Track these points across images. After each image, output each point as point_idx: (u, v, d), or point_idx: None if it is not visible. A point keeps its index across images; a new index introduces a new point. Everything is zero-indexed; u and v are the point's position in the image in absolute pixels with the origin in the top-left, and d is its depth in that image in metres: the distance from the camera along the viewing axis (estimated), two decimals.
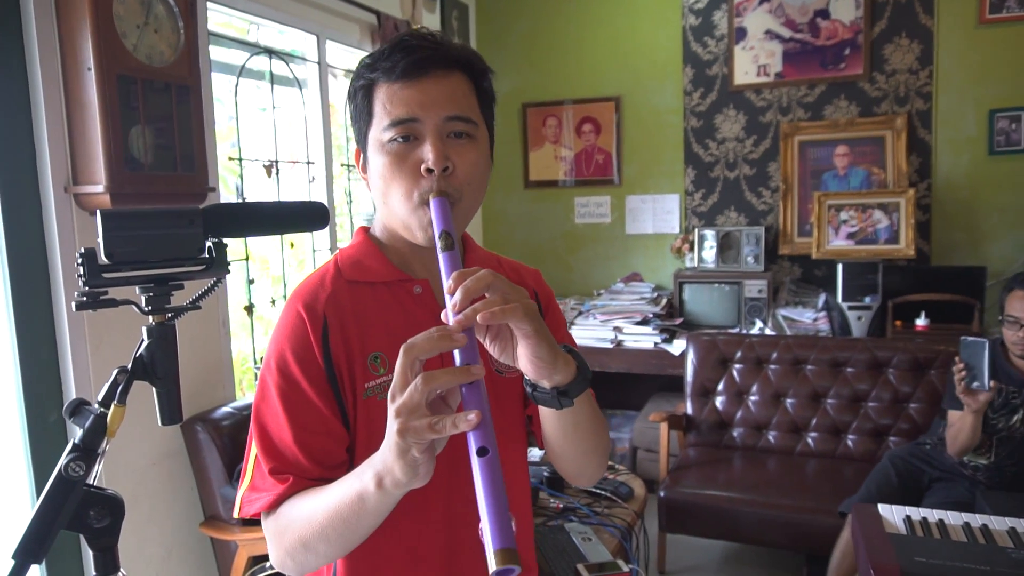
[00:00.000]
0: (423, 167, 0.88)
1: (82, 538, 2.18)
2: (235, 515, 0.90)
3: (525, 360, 0.76)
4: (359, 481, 0.77)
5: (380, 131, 0.91)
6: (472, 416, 0.66)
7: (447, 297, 0.74)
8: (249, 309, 2.93)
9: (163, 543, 2.41)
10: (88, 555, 2.16)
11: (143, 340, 0.76)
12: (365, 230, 1.04)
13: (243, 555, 2.34)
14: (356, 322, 0.94)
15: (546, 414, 0.90)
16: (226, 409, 2.53)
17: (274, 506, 0.88)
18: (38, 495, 2.06)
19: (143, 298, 0.76)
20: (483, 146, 0.95)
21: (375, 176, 0.93)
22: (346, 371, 0.92)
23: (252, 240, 2.88)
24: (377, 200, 0.96)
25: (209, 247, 0.79)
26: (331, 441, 0.91)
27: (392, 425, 0.69)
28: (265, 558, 2.29)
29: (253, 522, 2.35)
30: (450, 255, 0.81)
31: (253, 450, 0.92)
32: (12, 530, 2.09)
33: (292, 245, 3.26)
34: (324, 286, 0.95)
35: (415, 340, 0.70)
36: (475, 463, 0.66)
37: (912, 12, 3.74)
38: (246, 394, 2.89)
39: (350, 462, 0.93)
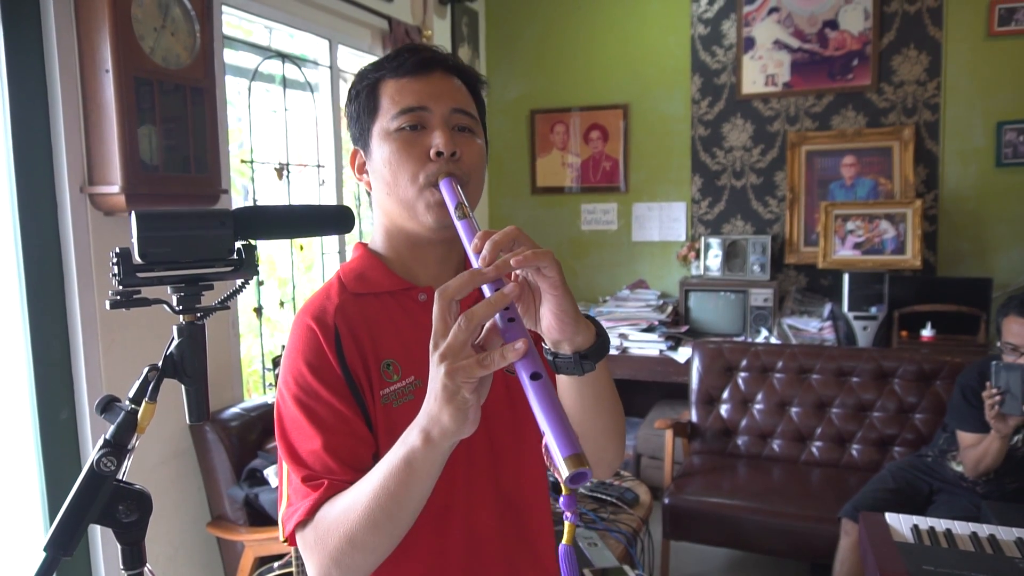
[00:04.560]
0: (432, 151, 0.92)
1: (98, 534, 2.18)
2: (280, 538, 0.90)
3: (550, 316, 0.75)
4: (404, 446, 0.76)
5: (388, 121, 0.94)
6: (520, 344, 0.67)
7: (472, 257, 0.75)
8: (258, 311, 2.95)
9: (170, 542, 2.42)
10: (96, 551, 2.18)
11: (173, 339, 0.77)
12: (364, 245, 1.04)
13: (249, 556, 2.35)
14: (366, 331, 0.94)
15: (567, 390, 0.89)
16: (234, 410, 2.54)
17: (311, 512, 0.87)
18: (48, 491, 2.08)
19: (174, 298, 0.77)
20: (482, 143, 0.99)
21: (380, 165, 0.95)
22: (363, 377, 0.93)
23: (262, 242, 2.90)
24: (380, 193, 0.97)
25: (239, 248, 0.80)
26: (358, 443, 0.91)
27: (439, 370, 0.69)
28: (272, 559, 2.30)
29: (260, 523, 2.37)
30: (467, 222, 0.83)
31: (285, 471, 0.91)
32: (23, 525, 2.10)
33: (301, 248, 3.28)
34: (331, 298, 0.96)
35: (447, 284, 0.71)
36: (528, 387, 0.67)
37: (921, 24, 3.76)
38: (253, 395, 2.91)
39: None
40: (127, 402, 0.76)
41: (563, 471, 0.62)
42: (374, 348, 0.94)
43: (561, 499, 0.66)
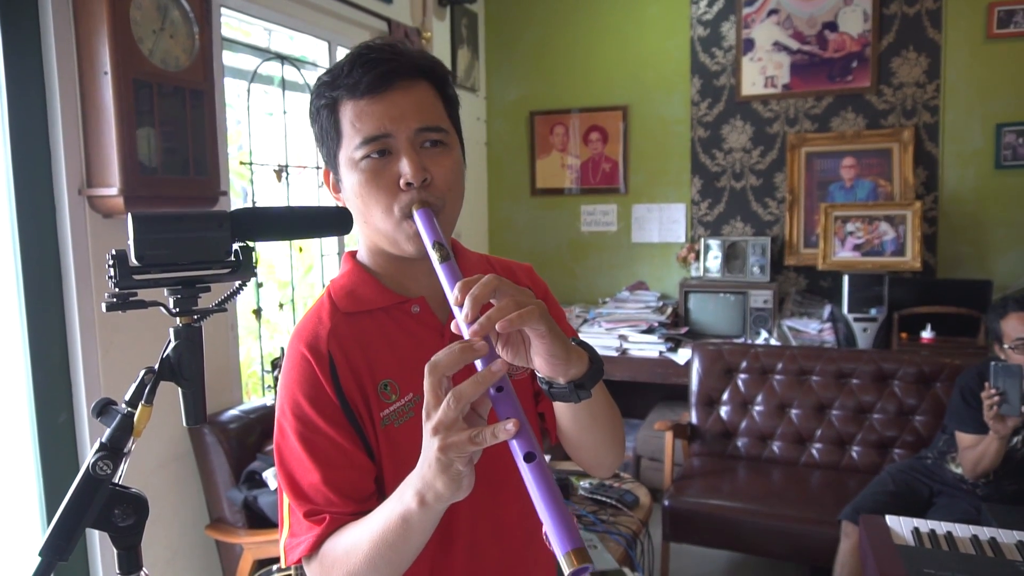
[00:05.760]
0: (401, 181, 0.88)
1: (96, 537, 2.18)
2: (283, 565, 0.91)
3: (540, 360, 0.75)
4: (400, 503, 0.77)
5: (352, 150, 0.89)
6: (510, 425, 0.67)
7: (455, 309, 0.73)
8: (257, 313, 2.94)
9: (168, 545, 2.41)
10: (95, 555, 2.17)
11: (170, 341, 0.77)
12: (352, 256, 1.02)
13: (248, 558, 2.34)
14: (361, 353, 0.93)
15: (563, 409, 0.90)
16: (233, 412, 2.54)
17: (315, 548, 0.88)
18: (46, 495, 2.07)
19: (171, 300, 0.77)
20: (456, 151, 0.94)
21: (351, 195, 0.92)
22: (361, 403, 0.92)
23: (261, 244, 2.89)
24: (357, 220, 0.94)
25: (236, 250, 0.79)
26: (359, 474, 0.91)
27: (432, 443, 0.69)
28: (270, 561, 2.29)
29: (259, 525, 2.36)
30: (448, 266, 0.80)
31: (286, 500, 0.92)
32: (21, 529, 2.09)
33: (300, 250, 3.27)
34: (323, 323, 0.94)
35: (438, 359, 0.70)
36: (524, 470, 0.66)
37: (920, 26, 3.76)
38: (252, 397, 2.90)
39: (379, 492, 0.93)
40: (123, 405, 0.75)
41: (564, 567, 0.61)
42: (370, 370, 0.93)
43: None
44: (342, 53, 3.39)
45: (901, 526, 1.85)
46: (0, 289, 2.01)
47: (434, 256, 0.82)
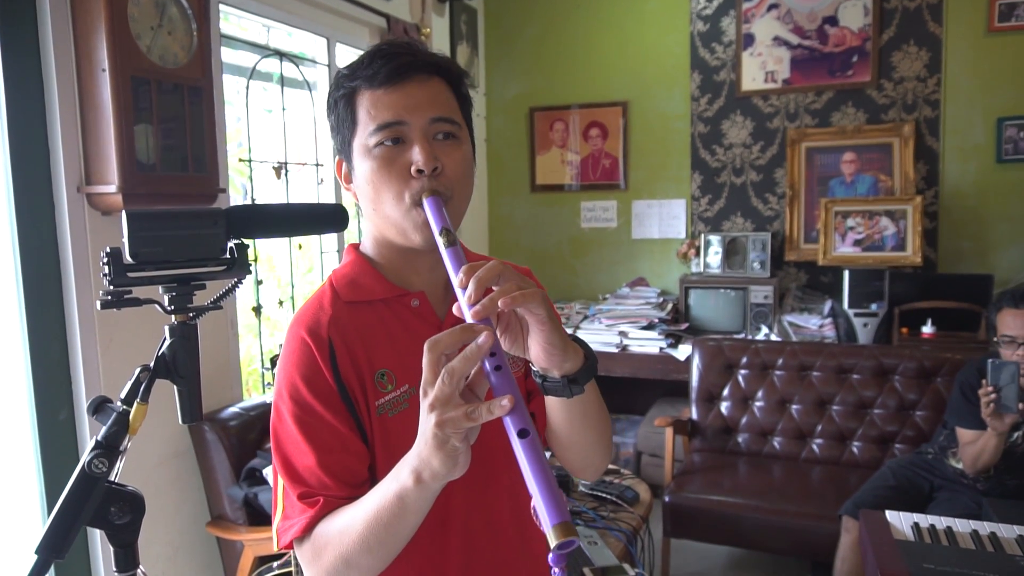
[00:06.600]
0: (413, 168, 0.89)
1: (97, 535, 2.18)
2: (275, 549, 0.91)
3: (538, 348, 0.77)
4: (396, 482, 0.78)
5: (366, 136, 0.91)
6: (505, 401, 0.68)
7: (458, 291, 0.75)
8: (257, 310, 2.94)
9: (170, 542, 2.41)
10: (96, 553, 2.18)
11: (165, 339, 0.77)
12: (355, 248, 1.04)
13: (249, 555, 2.35)
14: (360, 342, 0.94)
15: (554, 406, 0.91)
16: (234, 409, 2.54)
17: (308, 529, 0.89)
18: (47, 492, 2.07)
19: (166, 298, 0.77)
20: (467, 147, 0.96)
21: (363, 182, 0.93)
22: (358, 390, 0.93)
23: (260, 241, 2.90)
24: (366, 208, 0.96)
25: (231, 248, 0.79)
26: (353, 459, 0.91)
27: (429, 419, 0.70)
28: (271, 558, 2.29)
29: (260, 522, 2.36)
30: (454, 251, 0.82)
31: (280, 483, 0.93)
32: (22, 526, 2.10)
33: (300, 247, 3.27)
34: (324, 309, 0.95)
35: (438, 337, 0.71)
36: (517, 445, 0.67)
37: (920, 20, 3.75)
38: (252, 394, 2.90)
39: (372, 480, 0.93)
40: (119, 403, 0.75)
41: (551, 540, 0.62)
42: (368, 359, 0.94)
43: (550, 556, 0.66)
44: (341, 49, 3.40)
45: (901, 521, 1.85)
46: (0, 287, 2.02)
47: (440, 242, 0.83)
